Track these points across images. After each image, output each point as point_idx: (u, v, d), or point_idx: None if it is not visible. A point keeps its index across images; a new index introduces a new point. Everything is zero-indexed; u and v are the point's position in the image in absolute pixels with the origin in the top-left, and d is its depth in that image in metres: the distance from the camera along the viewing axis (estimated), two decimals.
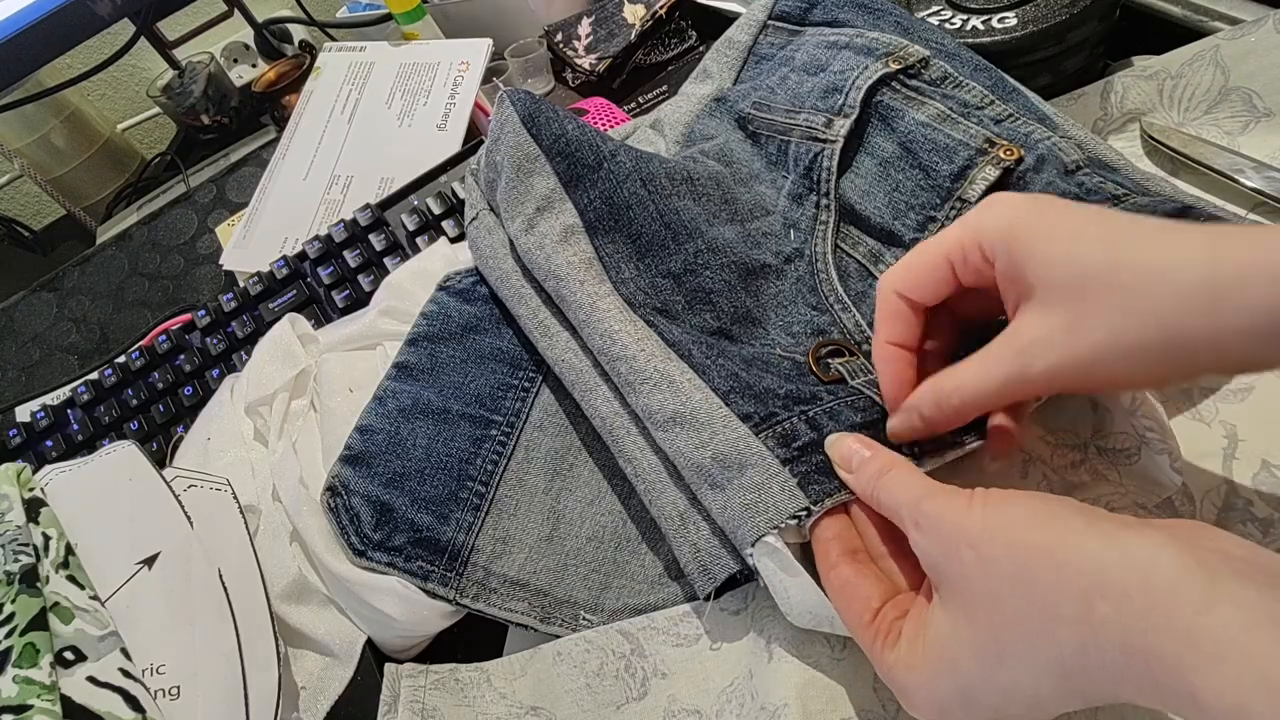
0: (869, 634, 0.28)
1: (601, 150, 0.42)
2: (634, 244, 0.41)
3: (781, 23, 0.51)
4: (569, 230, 0.40)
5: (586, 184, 0.41)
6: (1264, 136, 0.41)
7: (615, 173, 0.41)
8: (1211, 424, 0.34)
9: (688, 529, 0.35)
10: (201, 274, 0.76)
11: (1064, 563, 0.22)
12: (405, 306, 0.48)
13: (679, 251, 0.41)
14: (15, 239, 1.30)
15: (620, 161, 0.42)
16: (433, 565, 0.39)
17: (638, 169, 0.42)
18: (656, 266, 0.40)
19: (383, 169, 0.69)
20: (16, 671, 0.34)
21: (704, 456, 0.33)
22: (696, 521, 0.35)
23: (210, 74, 1.05)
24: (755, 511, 0.31)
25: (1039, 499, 0.25)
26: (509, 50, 0.76)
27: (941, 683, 0.25)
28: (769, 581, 0.31)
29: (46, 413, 0.58)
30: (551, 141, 0.42)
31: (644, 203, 0.41)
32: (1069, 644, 0.22)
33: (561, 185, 0.41)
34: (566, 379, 0.41)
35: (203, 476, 0.43)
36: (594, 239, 0.40)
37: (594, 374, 0.39)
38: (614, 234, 0.41)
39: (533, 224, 0.41)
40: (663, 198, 0.42)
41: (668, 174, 0.43)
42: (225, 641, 0.37)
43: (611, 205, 0.41)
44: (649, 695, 0.35)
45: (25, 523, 0.39)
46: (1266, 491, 0.32)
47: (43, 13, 0.82)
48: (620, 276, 0.40)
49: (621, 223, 0.41)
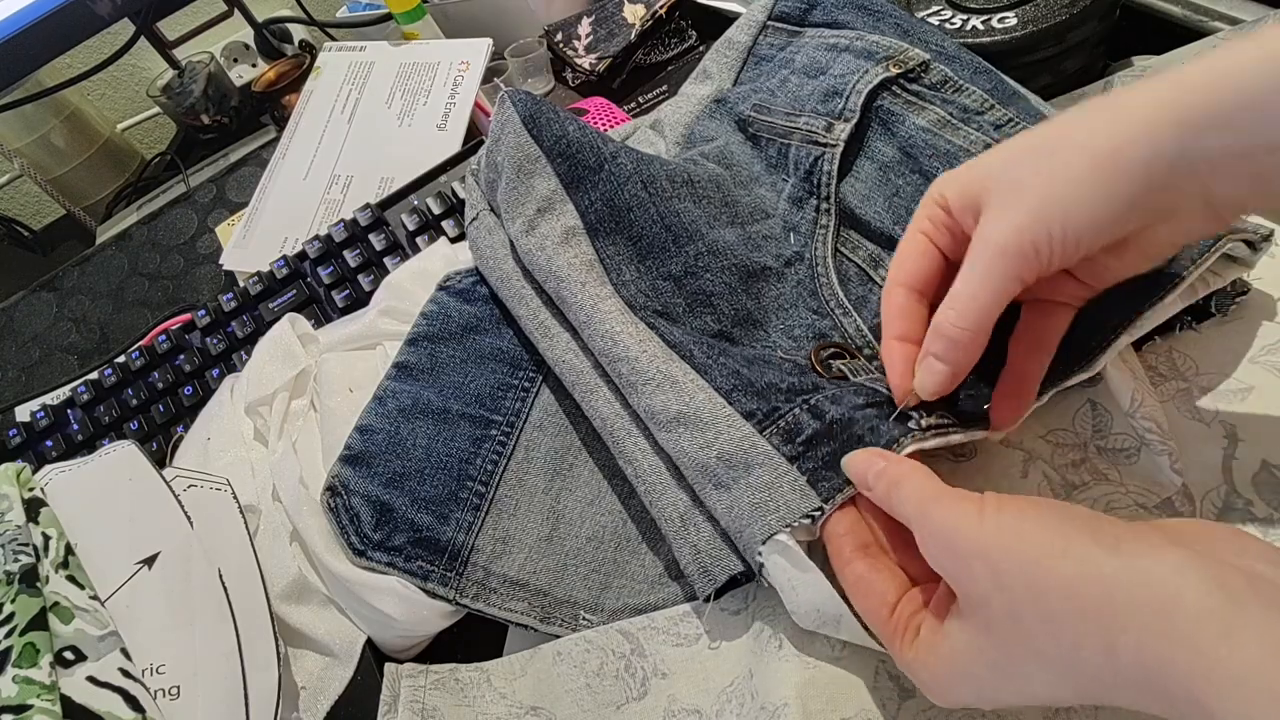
0: (887, 629, 0.28)
1: (603, 152, 0.42)
2: (635, 246, 0.41)
3: (781, 23, 0.51)
4: (570, 232, 0.40)
5: (588, 185, 0.41)
6: None
7: (616, 174, 0.42)
8: (1211, 424, 0.34)
9: (688, 530, 0.35)
10: (201, 274, 0.76)
11: (1082, 592, 0.22)
12: (405, 306, 0.48)
13: (679, 254, 0.41)
14: (15, 239, 1.30)
15: (621, 163, 0.42)
16: (433, 565, 0.39)
17: (639, 171, 0.42)
18: (657, 269, 0.40)
19: (383, 169, 0.69)
20: (16, 671, 0.34)
21: (709, 457, 0.33)
22: (697, 523, 0.35)
23: (210, 74, 1.05)
24: (766, 510, 0.31)
25: (1050, 510, 0.25)
26: (509, 50, 0.76)
27: (962, 688, 0.26)
28: (776, 580, 0.31)
29: (46, 413, 0.58)
30: (553, 143, 0.42)
31: (645, 205, 0.41)
32: (1089, 665, 0.22)
33: (563, 186, 0.41)
34: (567, 380, 0.41)
35: (203, 476, 0.43)
36: (595, 241, 0.40)
37: (594, 375, 0.39)
38: (615, 236, 0.41)
39: (533, 225, 0.41)
40: (663, 200, 0.42)
41: (668, 176, 0.43)
42: (225, 641, 0.37)
43: (612, 207, 0.41)
44: (649, 695, 0.35)
45: (25, 523, 0.39)
46: (1266, 491, 0.32)
47: (43, 13, 0.82)
48: (621, 279, 0.40)
49: (622, 225, 0.41)
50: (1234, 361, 0.35)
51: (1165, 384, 0.35)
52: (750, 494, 0.32)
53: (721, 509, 0.33)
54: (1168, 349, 0.36)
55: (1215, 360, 0.35)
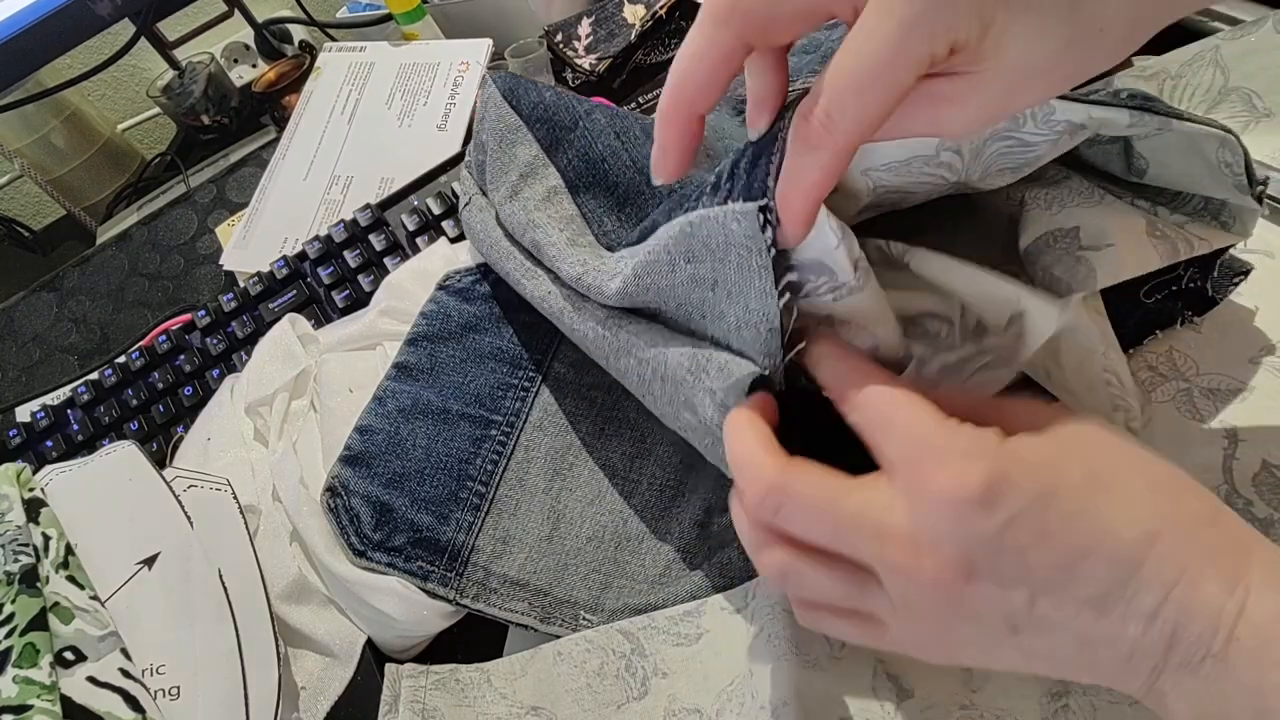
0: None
1: (577, 110, 0.43)
2: (613, 195, 0.41)
3: None
4: (552, 191, 0.41)
5: (565, 145, 0.42)
6: (1264, 136, 0.41)
7: (590, 129, 0.43)
8: (1211, 424, 0.34)
9: (701, 377, 0.31)
10: (201, 274, 0.75)
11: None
12: (405, 306, 0.48)
13: (653, 197, 0.41)
14: (15, 239, 1.30)
15: (595, 119, 0.43)
16: (433, 565, 0.39)
17: (612, 124, 0.43)
18: (636, 214, 0.41)
19: (383, 169, 0.69)
20: (16, 671, 0.34)
21: (683, 272, 0.30)
22: (709, 356, 0.31)
23: (210, 74, 1.05)
24: (745, 263, 0.28)
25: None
26: (509, 50, 0.76)
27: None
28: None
29: (46, 413, 0.58)
30: (530, 109, 0.43)
31: (618, 153, 0.42)
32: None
33: (543, 151, 0.42)
34: (554, 308, 0.39)
35: (203, 476, 0.43)
36: (575, 197, 0.41)
37: (577, 297, 0.38)
38: (594, 189, 0.42)
39: (516, 190, 0.42)
40: (636, 146, 0.43)
41: (642, 128, 0.44)
42: (225, 641, 0.37)
43: (588, 160, 0.42)
44: (649, 695, 0.35)
45: (25, 523, 0.39)
46: (1266, 491, 0.32)
47: (43, 13, 0.82)
48: (602, 229, 0.40)
49: (598, 175, 0.42)
50: (1234, 361, 0.35)
51: (1165, 384, 0.35)
52: (724, 267, 0.29)
53: (725, 302, 0.30)
54: (1168, 349, 0.36)
55: (1215, 360, 0.35)
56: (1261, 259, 0.36)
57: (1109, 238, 0.31)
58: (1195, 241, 0.32)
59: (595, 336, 0.37)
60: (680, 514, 0.39)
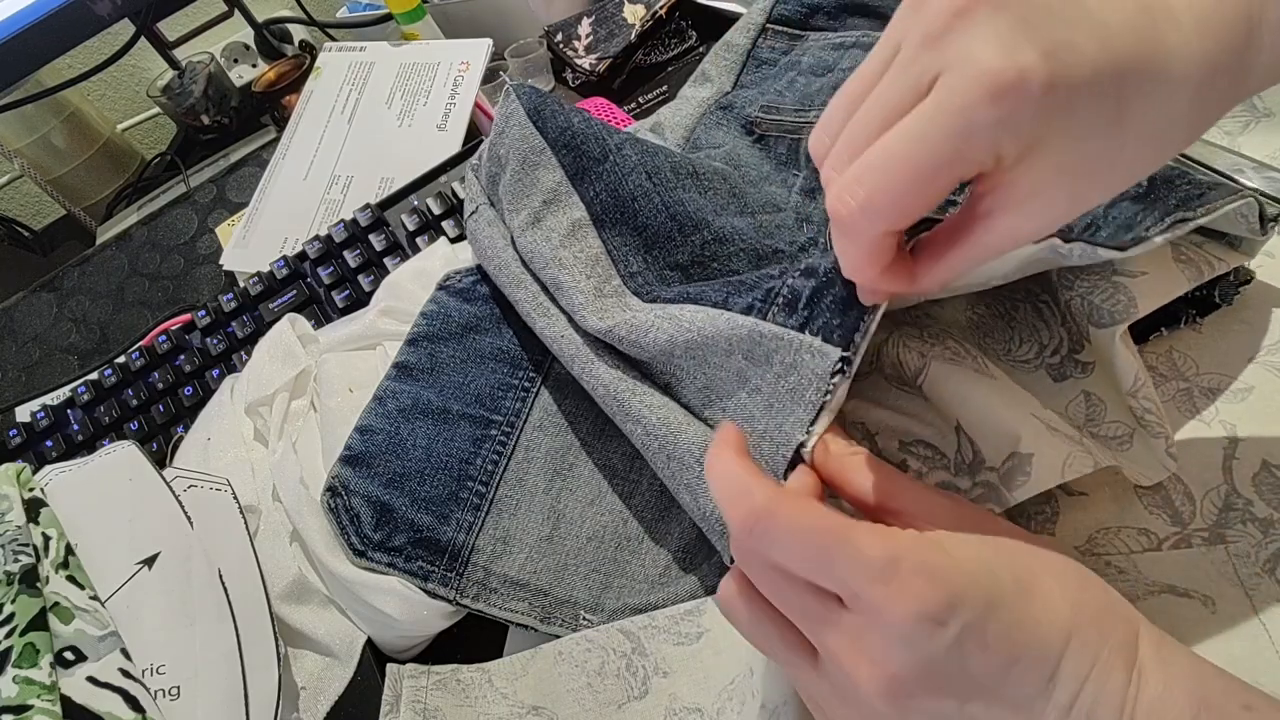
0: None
1: (607, 143, 0.42)
2: (640, 236, 0.41)
3: (781, 26, 0.51)
4: (576, 225, 0.41)
5: (592, 177, 0.41)
6: (1264, 136, 0.41)
7: (620, 165, 0.41)
8: (1211, 424, 0.34)
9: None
10: (201, 274, 0.76)
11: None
12: (405, 306, 0.48)
13: (685, 243, 0.41)
14: (15, 239, 1.29)
15: (626, 154, 0.42)
16: (433, 565, 0.39)
17: (643, 162, 0.42)
18: (664, 259, 0.40)
19: (383, 169, 0.69)
20: (16, 671, 0.34)
21: (735, 364, 0.32)
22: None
23: (210, 74, 1.05)
24: (800, 393, 0.29)
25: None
26: (509, 50, 0.76)
27: None
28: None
29: (46, 413, 0.58)
30: (557, 134, 0.42)
31: (649, 195, 0.41)
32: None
33: (568, 178, 0.41)
34: (566, 354, 0.40)
35: (203, 476, 0.43)
36: (601, 232, 0.40)
37: (595, 345, 0.39)
38: (620, 227, 0.41)
39: (539, 218, 0.41)
40: (667, 190, 0.42)
41: (673, 168, 0.43)
42: (225, 641, 0.37)
43: (617, 198, 0.41)
44: (650, 694, 0.35)
45: (25, 523, 0.39)
46: (1267, 491, 0.32)
47: (43, 13, 0.82)
48: (629, 270, 0.40)
49: (627, 215, 0.41)
50: (1234, 361, 0.35)
51: (1165, 384, 0.35)
52: (779, 383, 0.30)
53: (760, 410, 0.31)
54: (1168, 349, 0.36)
55: (1215, 360, 0.35)
56: (1262, 259, 0.36)
57: (1141, 264, 0.32)
58: (1216, 262, 0.33)
59: (604, 394, 0.39)
60: (680, 514, 0.39)
